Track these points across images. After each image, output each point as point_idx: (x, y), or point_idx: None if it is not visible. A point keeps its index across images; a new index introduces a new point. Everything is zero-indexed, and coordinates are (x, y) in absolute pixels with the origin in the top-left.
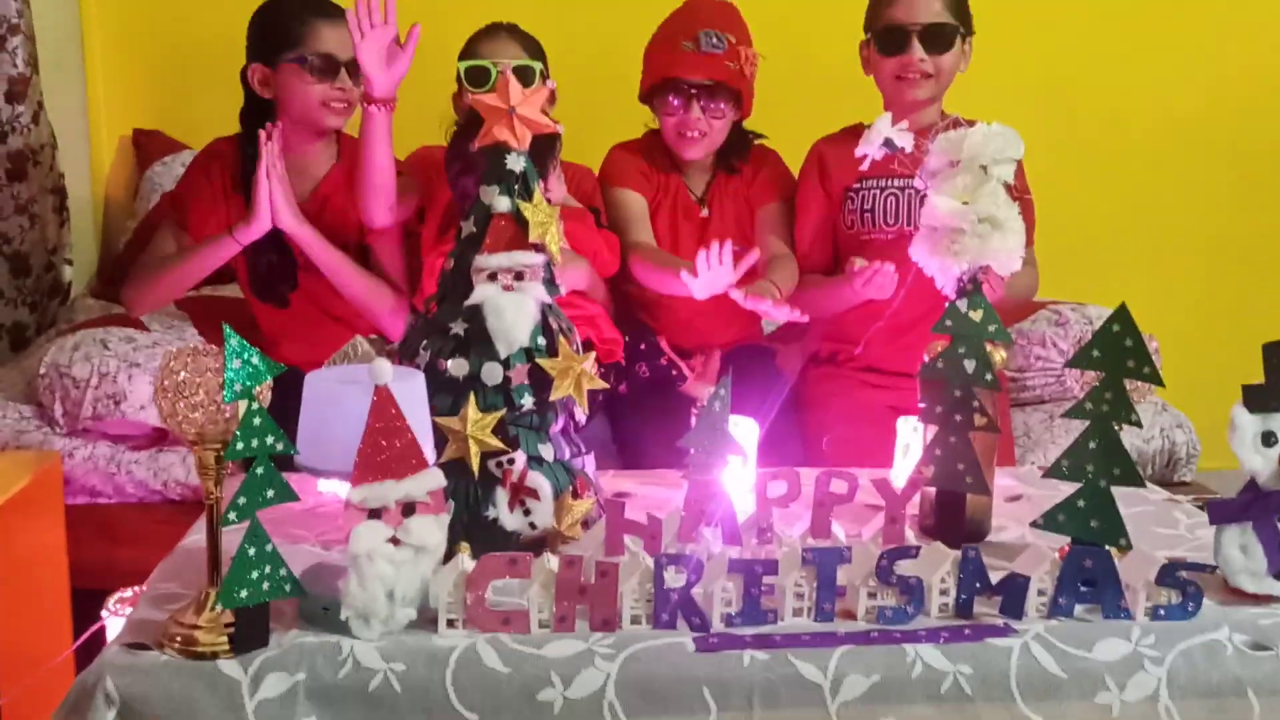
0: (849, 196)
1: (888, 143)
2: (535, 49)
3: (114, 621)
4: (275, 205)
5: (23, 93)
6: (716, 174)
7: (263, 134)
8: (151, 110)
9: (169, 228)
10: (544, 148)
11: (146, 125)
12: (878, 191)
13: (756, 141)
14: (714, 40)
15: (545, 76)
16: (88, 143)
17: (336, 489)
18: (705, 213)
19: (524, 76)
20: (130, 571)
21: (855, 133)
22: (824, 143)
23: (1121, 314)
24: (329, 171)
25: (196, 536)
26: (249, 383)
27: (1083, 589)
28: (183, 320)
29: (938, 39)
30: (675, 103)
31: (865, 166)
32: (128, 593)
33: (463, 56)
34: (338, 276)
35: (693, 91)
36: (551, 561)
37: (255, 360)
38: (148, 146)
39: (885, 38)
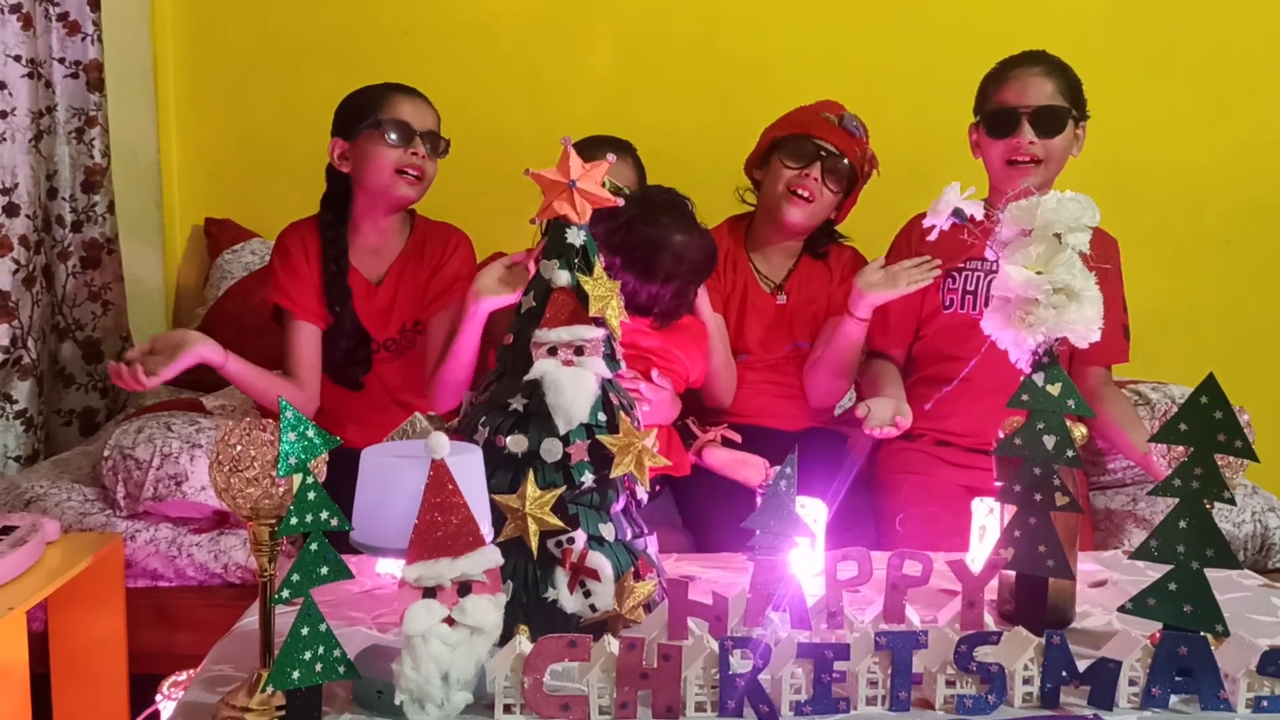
0: (950, 276)
1: (957, 212)
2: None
3: (168, 706)
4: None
5: (99, 183)
6: (800, 261)
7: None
8: (222, 200)
9: (291, 318)
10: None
11: (217, 215)
12: (981, 274)
13: (844, 242)
14: (855, 124)
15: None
16: (161, 231)
17: (395, 569)
18: (783, 299)
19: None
20: (188, 656)
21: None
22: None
23: (1210, 385)
24: (402, 250)
25: (252, 618)
26: (304, 456)
27: (1178, 678)
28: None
29: (1049, 121)
30: (799, 159)
31: (933, 237)
32: (182, 676)
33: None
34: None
35: (822, 153)
36: (612, 644)
37: (311, 434)
38: (218, 235)
39: (995, 119)
